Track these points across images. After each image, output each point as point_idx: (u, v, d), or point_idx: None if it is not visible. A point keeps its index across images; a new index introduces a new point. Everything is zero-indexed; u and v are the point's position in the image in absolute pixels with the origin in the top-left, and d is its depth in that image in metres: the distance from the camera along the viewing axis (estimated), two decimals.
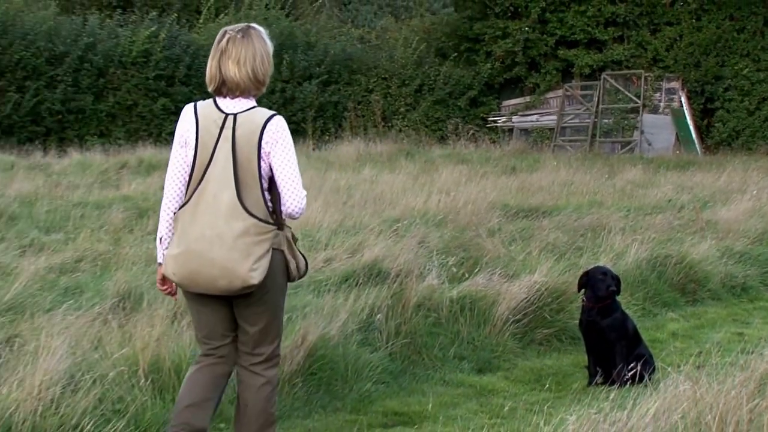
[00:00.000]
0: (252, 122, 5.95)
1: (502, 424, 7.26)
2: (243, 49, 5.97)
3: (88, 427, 6.38)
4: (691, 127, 34.68)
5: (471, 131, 34.48)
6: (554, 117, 36.01)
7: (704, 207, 17.77)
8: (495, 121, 36.68)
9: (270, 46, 6.14)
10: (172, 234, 6.08)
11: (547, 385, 8.59)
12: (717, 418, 5.63)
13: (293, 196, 5.95)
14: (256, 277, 5.84)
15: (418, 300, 9.60)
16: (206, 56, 6.61)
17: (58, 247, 12.79)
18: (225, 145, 5.91)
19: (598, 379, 8.84)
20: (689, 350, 9.51)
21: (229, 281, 5.84)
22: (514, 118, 36.57)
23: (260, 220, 5.89)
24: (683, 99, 34.89)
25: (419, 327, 9.37)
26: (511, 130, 36.35)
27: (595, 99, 35.52)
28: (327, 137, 34.05)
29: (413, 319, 9.35)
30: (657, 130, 34.64)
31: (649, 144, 34.38)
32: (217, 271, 5.83)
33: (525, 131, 36.14)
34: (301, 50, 36.11)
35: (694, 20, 35.03)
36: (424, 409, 7.99)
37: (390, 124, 35.66)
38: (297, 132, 34.25)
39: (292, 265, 6.13)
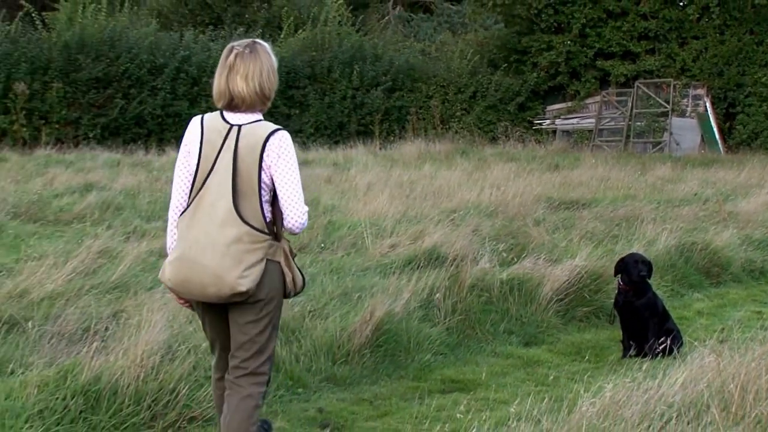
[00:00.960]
0: (255, 134, 5.36)
1: (546, 391, 7.22)
2: (251, 64, 5.38)
3: (184, 391, 6.44)
4: (715, 129, 34.33)
5: (519, 133, 34.34)
6: (593, 120, 35.72)
7: (726, 200, 17.59)
8: (540, 124, 36.46)
9: (275, 61, 5.55)
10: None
11: (587, 357, 8.57)
12: (738, 387, 5.59)
13: (294, 211, 5.35)
14: (245, 285, 5.24)
15: (472, 281, 9.59)
16: (285, 66, 6.47)
17: (158, 233, 12.84)
18: (227, 155, 5.33)
19: (632, 352, 8.78)
20: (713, 327, 9.44)
21: (218, 288, 5.25)
22: (557, 121, 36.34)
23: (255, 228, 5.30)
24: (708, 104, 34.54)
25: (473, 305, 9.35)
26: (554, 131, 36.11)
27: (629, 104, 35.22)
28: (392, 138, 34.02)
29: (468, 298, 9.34)
30: (684, 131, 34.31)
31: (677, 144, 34.06)
32: (208, 278, 5.25)
33: (567, 133, 35.89)
34: (369, 61, 36.13)
35: (718, 34, 34.64)
36: (477, 377, 8.00)
37: (447, 127, 35.53)
38: (365, 133, 34.43)
39: (289, 278, 5.47)
